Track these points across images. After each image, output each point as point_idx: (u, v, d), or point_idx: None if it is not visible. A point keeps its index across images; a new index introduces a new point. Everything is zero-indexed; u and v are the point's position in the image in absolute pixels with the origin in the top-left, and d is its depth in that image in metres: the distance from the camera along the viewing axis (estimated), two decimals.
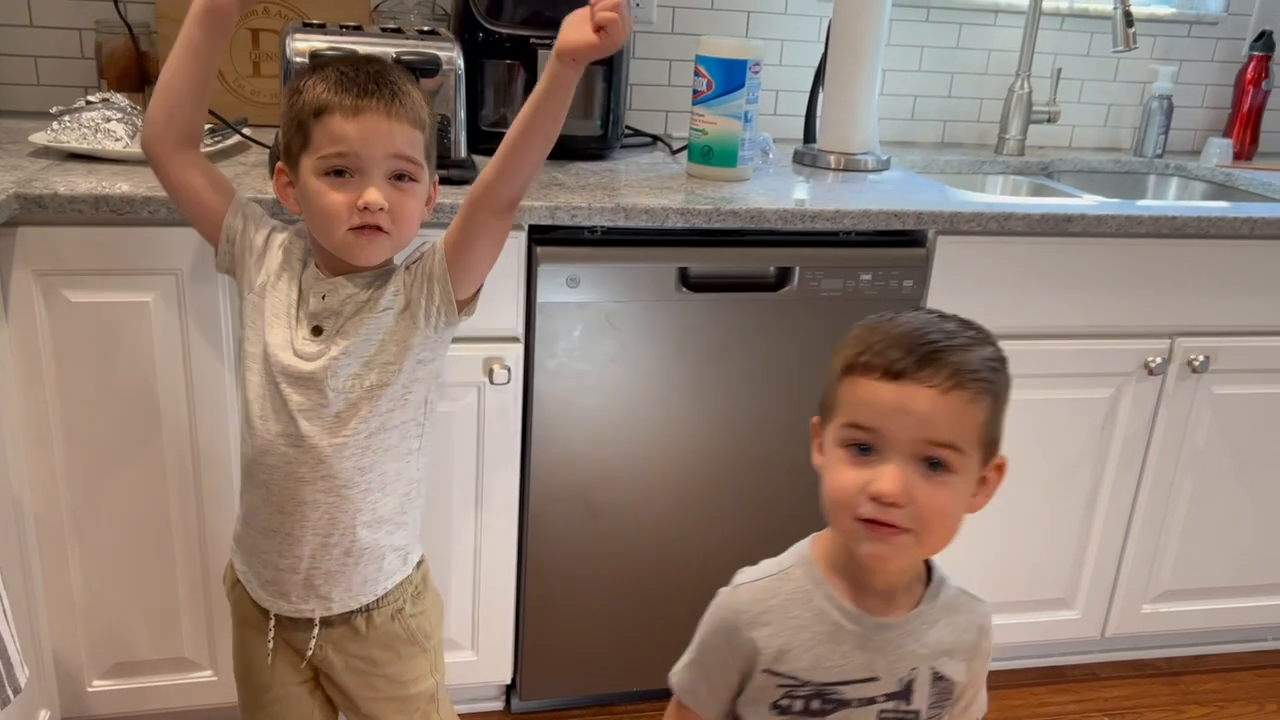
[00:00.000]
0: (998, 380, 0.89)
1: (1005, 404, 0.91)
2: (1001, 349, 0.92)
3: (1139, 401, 1.90)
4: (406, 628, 1.27)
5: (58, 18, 1.91)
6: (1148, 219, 1.77)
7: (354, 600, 1.23)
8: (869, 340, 0.89)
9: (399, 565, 1.26)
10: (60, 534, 1.55)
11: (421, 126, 1.15)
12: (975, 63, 2.33)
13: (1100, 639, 2.08)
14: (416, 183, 1.15)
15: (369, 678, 1.27)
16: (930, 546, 0.92)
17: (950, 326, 0.90)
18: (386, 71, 1.15)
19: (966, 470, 0.89)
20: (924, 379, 0.86)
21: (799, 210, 1.63)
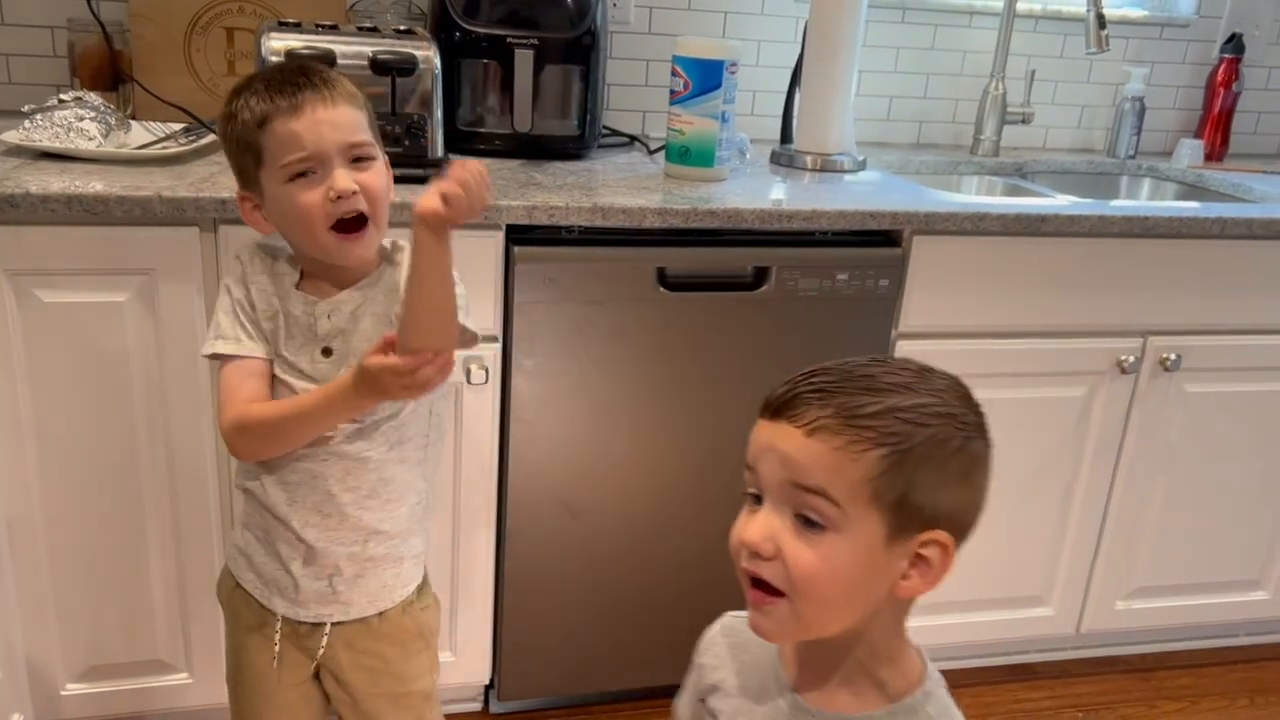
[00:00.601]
0: (908, 434, 0.74)
1: (927, 464, 0.75)
2: (955, 405, 0.77)
3: (1112, 400, 1.92)
4: (416, 621, 1.28)
5: (30, 15, 1.89)
6: (1120, 219, 1.79)
7: (372, 606, 1.24)
8: (785, 378, 0.79)
9: (415, 571, 1.27)
10: (33, 536, 1.53)
11: (360, 105, 1.14)
12: (950, 64, 2.35)
13: (1074, 635, 2.10)
14: (374, 159, 1.14)
15: (375, 674, 1.27)
16: (814, 618, 0.78)
17: (874, 369, 0.77)
18: (307, 66, 1.14)
19: (852, 529, 0.74)
20: (792, 416, 0.76)
21: (776, 210, 1.64)
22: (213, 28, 1.91)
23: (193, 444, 1.55)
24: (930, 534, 0.76)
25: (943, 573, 0.78)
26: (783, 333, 1.71)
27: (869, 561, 0.76)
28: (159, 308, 1.48)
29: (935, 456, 0.75)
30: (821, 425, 0.74)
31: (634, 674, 1.87)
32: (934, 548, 0.77)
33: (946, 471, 0.76)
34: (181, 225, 1.45)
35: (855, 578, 0.76)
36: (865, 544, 0.75)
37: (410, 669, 1.30)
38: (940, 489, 0.76)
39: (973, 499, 0.79)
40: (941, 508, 0.76)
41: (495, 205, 1.53)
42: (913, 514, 0.76)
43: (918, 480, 0.75)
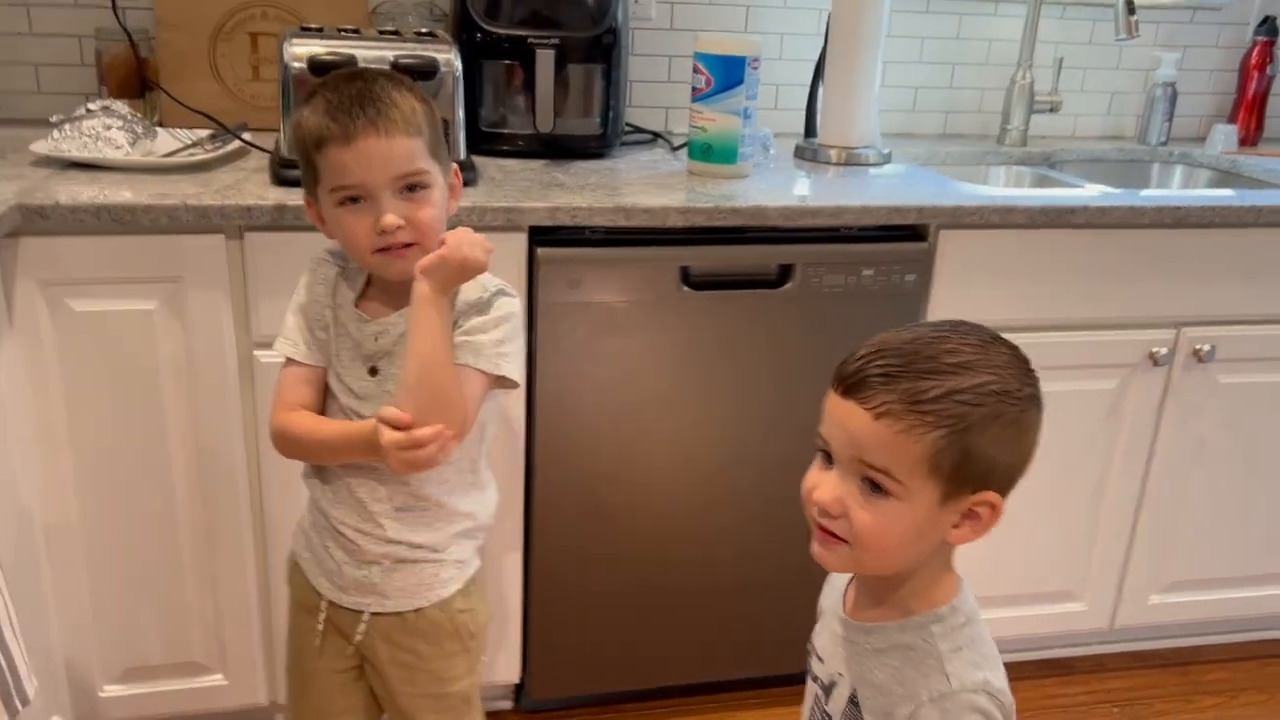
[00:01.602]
0: (965, 414, 0.82)
1: (983, 437, 0.83)
2: (1011, 380, 0.84)
3: (1144, 392, 1.89)
4: (453, 621, 1.28)
5: (58, 25, 1.91)
6: (1151, 209, 1.76)
7: (408, 602, 1.25)
8: (856, 349, 0.88)
9: (456, 574, 1.28)
10: (70, 541, 1.56)
11: (418, 132, 1.13)
12: (976, 53, 2.32)
13: (1109, 630, 2.08)
14: (429, 188, 1.15)
15: (412, 671, 1.28)
16: (871, 564, 0.89)
17: (939, 347, 0.85)
18: (372, 87, 1.12)
19: (911, 499, 0.85)
20: (861, 399, 0.84)
21: (800, 207, 1.63)
22: (237, 33, 1.93)
23: (223, 449, 1.57)
24: (982, 495, 0.86)
25: (991, 525, 0.88)
26: (808, 330, 1.70)
27: (925, 520, 0.86)
28: (187, 315, 1.49)
29: (989, 430, 0.83)
30: (887, 410, 0.83)
31: (664, 672, 1.88)
32: (985, 506, 0.87)
33: (998, 441, 0.84)
34: (208, 233, 1.47)
35: (911, 534, 0.87)
36: (922, 507, 0.85)
37: (447, 668, 1.30)
38: (992, 456, 0.85)
39: (1022, 460, 0.88)
40: (993, 471, 0.86)
41: (517, 207, 1.53)
42: (966, 478, 0.85)
43: (972, 451, 0.84)
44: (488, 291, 1.19)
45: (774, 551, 1.82)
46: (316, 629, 1.28)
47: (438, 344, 1.11)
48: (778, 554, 1.82)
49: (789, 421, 1.74)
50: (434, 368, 1.11)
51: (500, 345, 1.18)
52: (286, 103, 1.55)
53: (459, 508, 1.25)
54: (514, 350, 1.20)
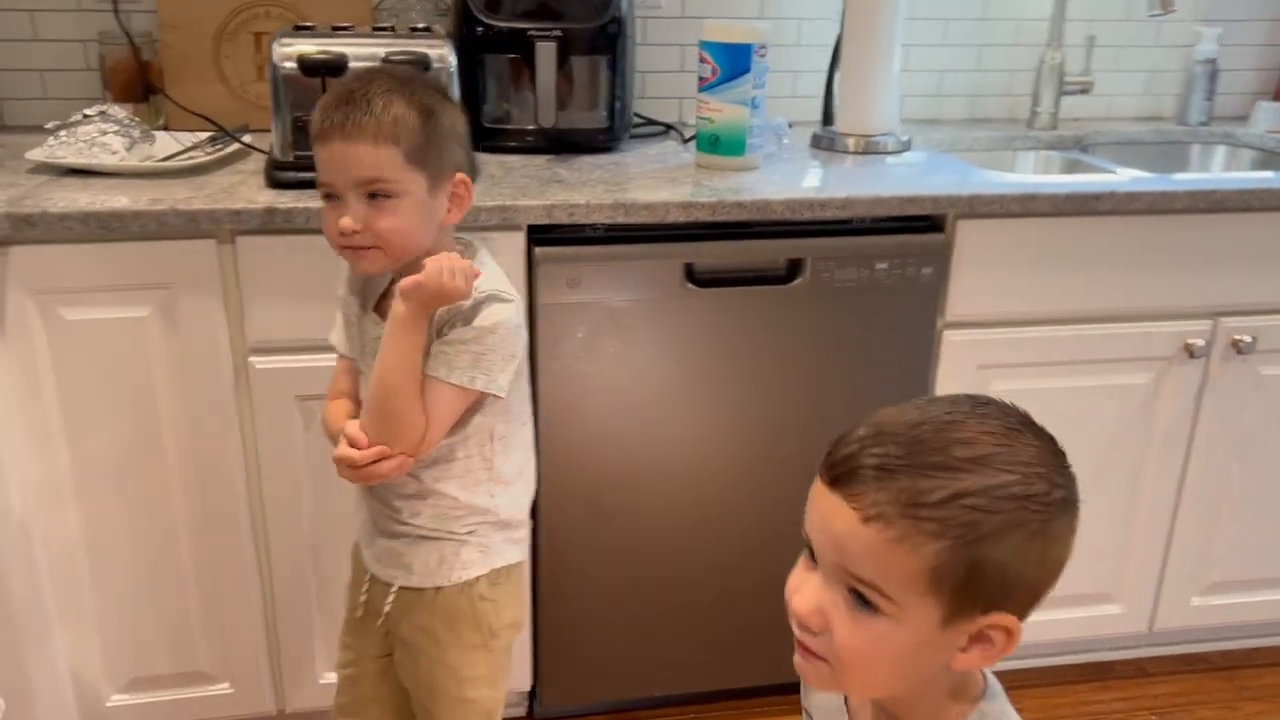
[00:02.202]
0: (976, 523, 0.67)
1: (997, 550, 0.68)
2: (1038, 481, 0.69)
3: (1181, 386, 1.80)
4: (474, 607, 1.27)
5: (61, 30, 1.90)
6: (1184, 194, 1.67)
7: (430, 579, 1.26)
8: (851, 428, 0.73)
9: (479, 558, 1.27)
10: (71, 551, 1.55)
11: (390, 139, 1.10)
12: (1003, 34, 2.23)
13: (1148, 633, 1.99)
14: (393, 197, 1.12)
15: (431, 661, 1.28)
16: (856, 688, 0.76)
17: (951, 435, 0.69)
18: (365, 89, 1.11)
19: (905, 619, 0.69)
20: (850, 494, 0.69)
21: (807, 199, 1.57)
22: (240, 34, 1.91)
23: (221, 456, 1.54)
24: (995, 618, 0.70)
25: (1006, 651, 0.72)
26: (820, 327, 1.64)
27: (923, 644, 0.71)
28: (180, 322, 1.47)
29: (1006, 541, 0.68)
30: (879, 513, 0.68)
31: (676, 679, 1.83)
32: (999, 631, 0.71)
33: (1017, 556, 0.69)
34: (198, 238, 1.44)
35: (905, 660, 0.72)
36: (919, 629, 0.70)
37: (464, 664, 1.28)
38: (1009, 573, 0.69)
39: (1047, 576, 0.72)
40: (1010, 590, 0.70)
41: (513, 205, 1.49)
42: (975, 597, 0.69)
43: (983, 567, 0.68)
44: (477, 295, 1.16)
45: (788, 554, 1.74)
46: (360, 602, 1.32)
47: (401, 368, 1.13)
48: (791, 557, 1.75)
49: (799, 422, 1.68)
50: (392, 392, 1.13)
51: (480, 358, 1.15)
52: (278, 103, 1.52)
53: (474, 503, 1.24)
54: (498, 361, 1.16)
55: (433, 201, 1.16)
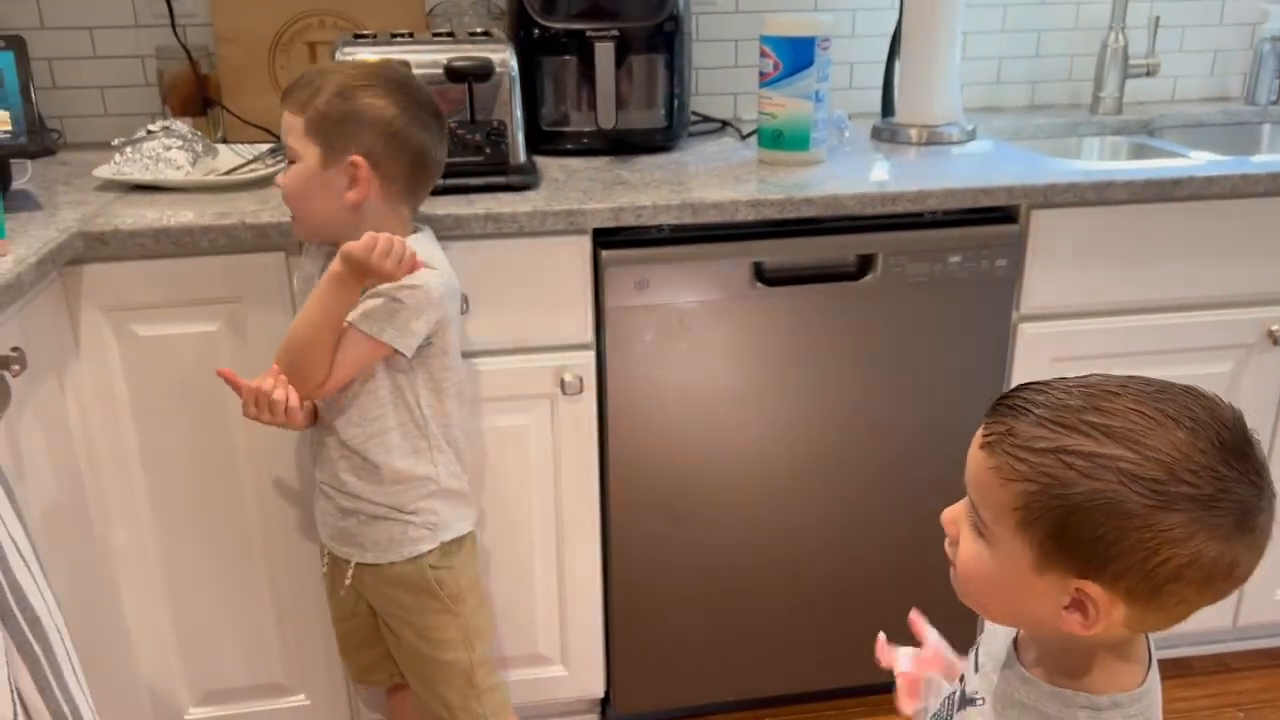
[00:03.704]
0: (1068, 480, 0.69)
1: (1088, 519, 0.69)
2: (1159, 470, 0.68)
3: (1264, 373, 1.75)
4: (424, 576, 1.36)
5: (120, 47, 1.91)
6: (1265, 176, 1.62)
7: (383, 555, 1.36)
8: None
9: (426, 535, 1.36)
10: (147, 565, 1.55)
11: (299, 109, 1.25)
12: (1063, 18, 2.18)
13: (1232, 628, 1.94)
14: (293, 162, 1.27)
15: (400, 622, 1.39)
16: (970, 601, 0.80)
17: (1100, 401, 0.71)
18: (321, 68, 1.31)
19: (998, 550, 0.74)
20: (986, 423, 0.76)
21: (878, 194, 1.54)
22: (295, 44, 1.91)
23: (290, 468, 1.54)
24: (1086, 585, 0.71)
25: (1099, 624, 0.72)
26: (892, 324, 1.61)
27: (1017, 581, 0.75)
28: (250, 335, 1.47)
29: (1100, 512, 0.69)
30: (991, 442, 0.74)
31: (749, 683, 1.81)
32: (1089, 601, 0.72)
33: (1114, 532, 0.69)
34: (267, 251, 1.44)
35: (1002, 590, 0.76)
36: (1011, 565, 0.74)
37: (428, 626, 1.38)
38: (1104, 546, 0.69)
39: (1164, 572, 0.69)
40: (1105, 562, 0.70)
41: (580, 209, 1.47)
42: (1065, 556, 0.71)
43: (1072, 527, 0.70)
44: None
45: (865, 555, 1.73)
46: (323, 570, 1.47)
47: (321, 322, 1.22)
48: (868, 557, 1.73)
49: (872, 421, 1.65)
50: (306, 342, 1.23)
51: (395, 314, 1.24)
52: None
53: (415, 471, 1.33)
54: (410, 320, 1.24)
55: (324, 175, 1.26)
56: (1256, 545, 0.71)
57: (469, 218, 1.44)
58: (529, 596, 1.67)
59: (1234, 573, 0.71)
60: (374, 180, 1.26)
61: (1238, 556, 0.70)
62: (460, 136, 1.52)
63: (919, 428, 1.65)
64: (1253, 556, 0.71)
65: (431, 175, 1.32)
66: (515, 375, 1.53)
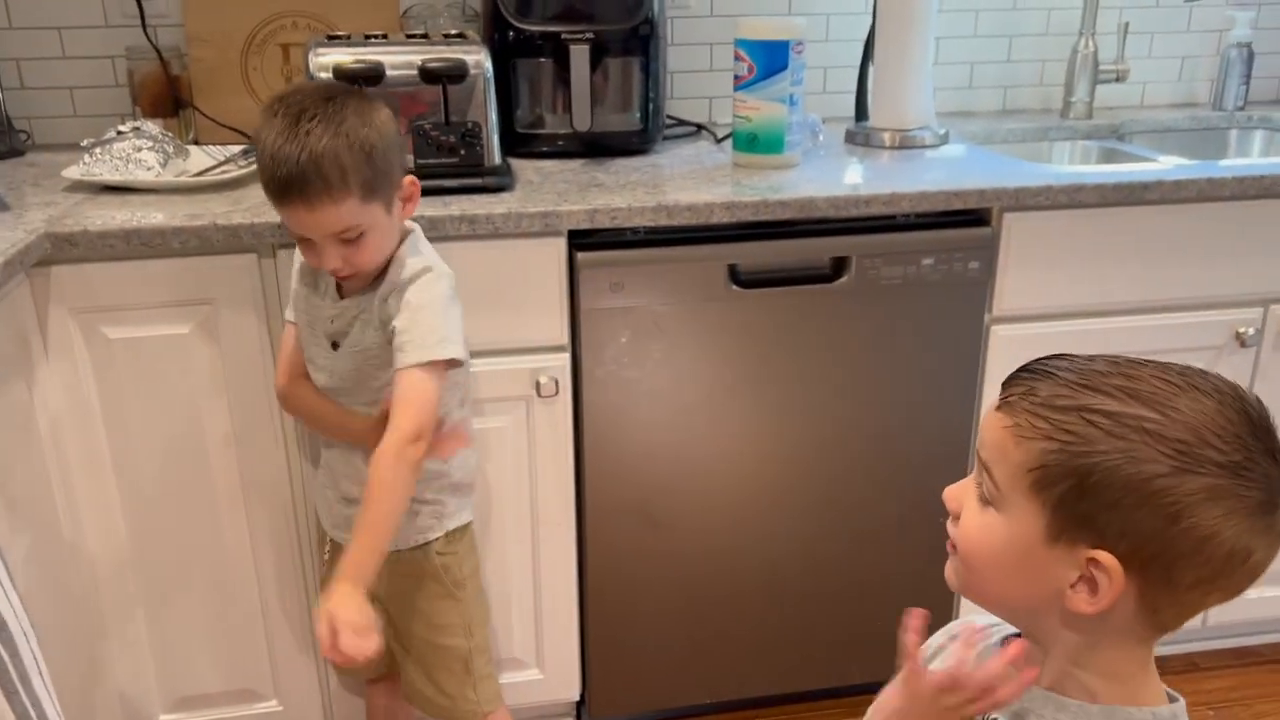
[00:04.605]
0: (1090, 438, 0.67)
1: (1110, 481, 0.66)
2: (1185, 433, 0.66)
3: (1233, 375, 1.71)
4: (432, 562, 1.38)
5: (89, 47, 1.89)
6: (1232, 180, 1.64)
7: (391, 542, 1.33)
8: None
9: (434, 522, 1.37)
10: (121, 569, 1.54)
11: (346, 192, 1.16)
12: (1034, 23, 2.20)
13: (1201, 627, 1.96)
14: (364, 233, 1.21)
15: (403, 609, 1.40)
16: (971, 584, 0.77)
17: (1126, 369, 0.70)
18: (305, 150, 1.13)
19: (1010, 514, 0.72)
20: (1004, 388, 0.75)
21: (852, 196, 1.55)
22: (268, 45, 1.90)
23: (268, 471, 1.53)
24: (1099, 553, 0.68)
25: (1110, 599, 0.69)
26: (867, 326, 1.61)
27: (1025, 553, 0.72)
28: (222, 337, 1.46)
29: (1120, 473, 0.66)
30: (1008, 402, 0.73)
31: (726, 685, 1.81)
32: (1101, 572, 0.69)
33: (1133, 497, 0.66)
34: (239, 253, 1.43)
35: (1007, 565, 0.73)
36: (1022, 533, 0.71)
37: (433, 612, 1.39)
38: (1121, 513, 0.67)
39: (1180, 545, 0.67)
40: (1121, 531, 0.67)
41: (555, 211, 1.47)
42: (1080, 522, 0.69)
43: (1089, 489, 0.67)
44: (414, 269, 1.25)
45: (839, 556, 1.73)
46: (324, 559, 1.45)
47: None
48: (844, 558, 1.74)
49: (847, 420, 1.66)
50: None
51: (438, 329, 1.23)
52: None
53: (429, 466, 1.32)
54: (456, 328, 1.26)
55: (393, 216, 1.24)
56: (1275, 532, 0.68)
57: (443, 219, 1.44)
58: (504, 600, 1.66)
59: (1249, 561, 0.68)
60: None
61: (1255, 542, 0.67)
62: (435, 138, 1.52)
63: (893, 429, 1.66)
64: (1269, 545, 0.68)
65: None
66: (490, 378, 1.53)
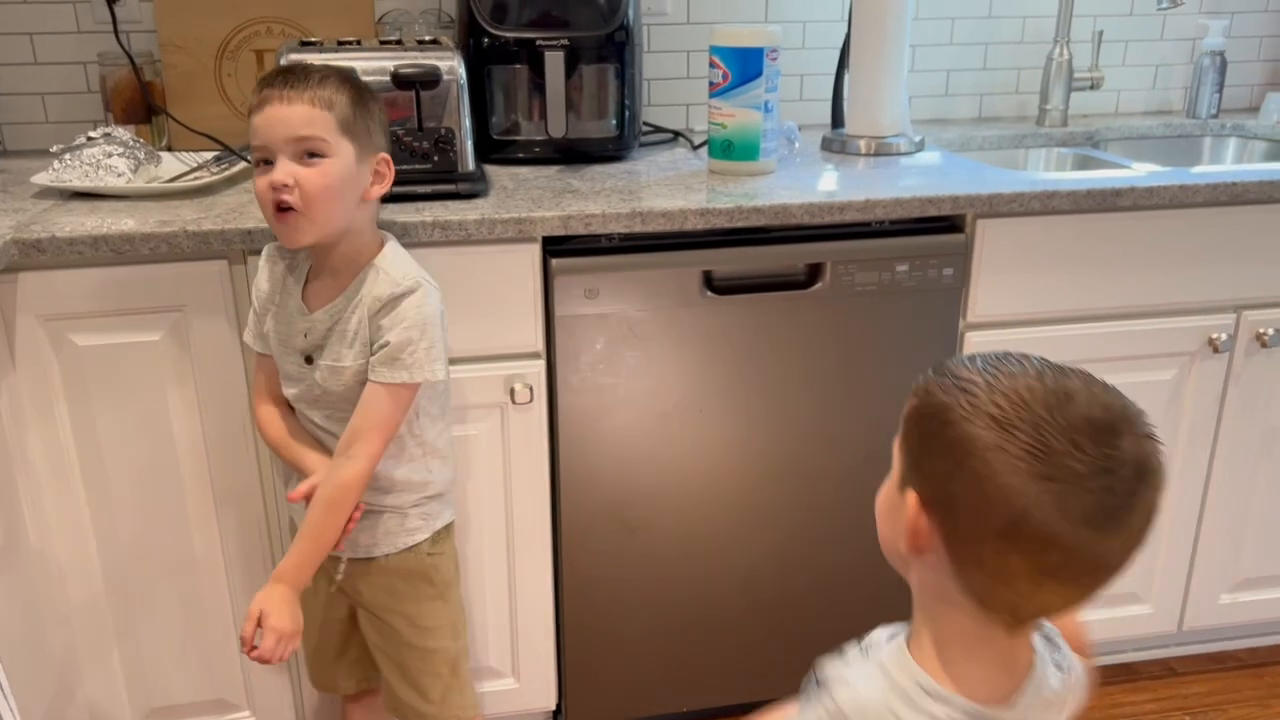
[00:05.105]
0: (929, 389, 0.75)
1: (918, 424, 0.76)
2: (946, 382, 0.75)
3: (1205, 381, 1.78)
4: (423, 564, 1.38)
5: (61, 53, 1.88)
6: (1204, 187, 1.65)
7: (378, 549, 1.36)
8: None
9: (421, 525, 1.38)
10: (90, 578, 1.52)
11: (326, 105, 1.20)
12: (1010, 31, 2.21)
13: (1177, 633, 1.97)
14: (325, 157, 1.21)
15: (390, 612, 1.39)
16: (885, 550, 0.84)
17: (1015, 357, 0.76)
18: (301, 67, 1.23)
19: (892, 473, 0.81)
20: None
21: (827, 203, 1.55)
22: (242, 51, 1.89)
23: (239, 479, 1.52)
24: (909, 491, 0.76)
25: (918, 537, 0.76)
26: (841, 332, 1.61)
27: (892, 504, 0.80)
28: (193, 344, 1.44)
29: (935, 418, 0.73)
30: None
31: (703, 693, 1.80)
32: (914, 510, 0.75)
33: (941, 443, 0.73)
34: (209, 259, 1.42)
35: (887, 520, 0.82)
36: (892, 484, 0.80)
37: (420, 614, 1.39)
38: (930, 456, 0.74)
39: (957, 482, 0.72)
40: (929, 474, 0.75)
41: (528, 217, 1.47)
42: (912, 468, 0.77)
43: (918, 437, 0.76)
44: (403, 286, 1.25)
45: (816, 563, 1.73)
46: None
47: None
48: (820, 565, 1.73)
49: (822, 426, 1.66)
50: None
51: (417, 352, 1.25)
52: None
53: (412, 479, 1.34)
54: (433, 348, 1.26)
55: (358, 172, 1.24)
56: (1058, 505, 0.68)
57: (416, 225, 1.43)
58: (479, 608, 1.65)
59: (1030, 523, 0.69)
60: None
61: (1031, 504, 0.68)
62: (408, 144, 1.51)
63: (868, 435, 1.66)
64: (1045, 511, 0.68)
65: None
66: (464, 385, 1.52)
